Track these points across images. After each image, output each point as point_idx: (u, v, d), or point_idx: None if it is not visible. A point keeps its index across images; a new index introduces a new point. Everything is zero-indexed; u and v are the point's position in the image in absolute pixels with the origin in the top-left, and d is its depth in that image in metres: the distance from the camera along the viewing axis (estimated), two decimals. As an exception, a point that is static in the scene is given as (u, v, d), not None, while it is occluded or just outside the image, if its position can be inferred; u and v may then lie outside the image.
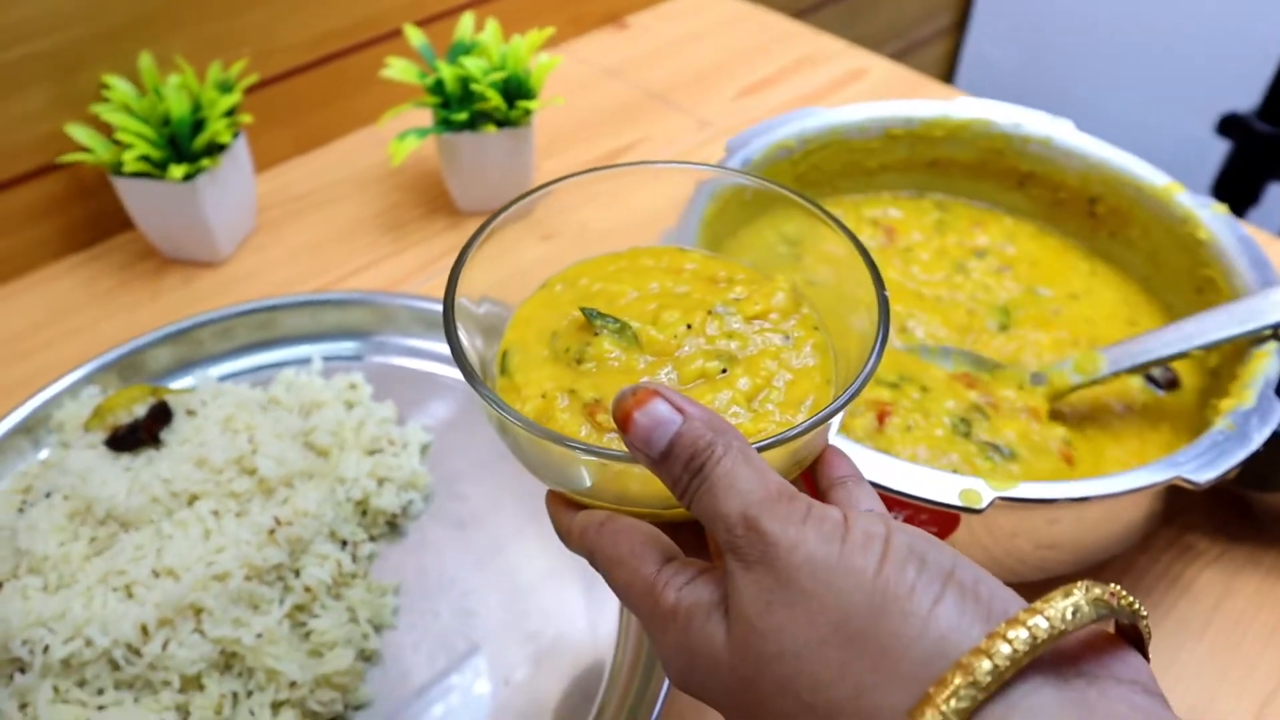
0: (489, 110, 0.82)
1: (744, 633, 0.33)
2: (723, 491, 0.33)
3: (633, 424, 0.35)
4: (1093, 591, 0.30)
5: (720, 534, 0.34)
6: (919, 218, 0.82)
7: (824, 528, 0.33)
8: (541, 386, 0.41)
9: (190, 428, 0.65)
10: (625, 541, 0.37)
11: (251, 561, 0.58)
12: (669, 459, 0.34)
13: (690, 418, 0.34)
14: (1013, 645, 0.29)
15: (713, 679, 0.34)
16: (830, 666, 0.31)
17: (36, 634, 0.55)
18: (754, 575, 0.33)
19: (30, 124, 0.81)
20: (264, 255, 0.88)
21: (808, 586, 0.32)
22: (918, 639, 0.30)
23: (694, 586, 0.35)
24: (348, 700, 0.57)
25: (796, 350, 0.43)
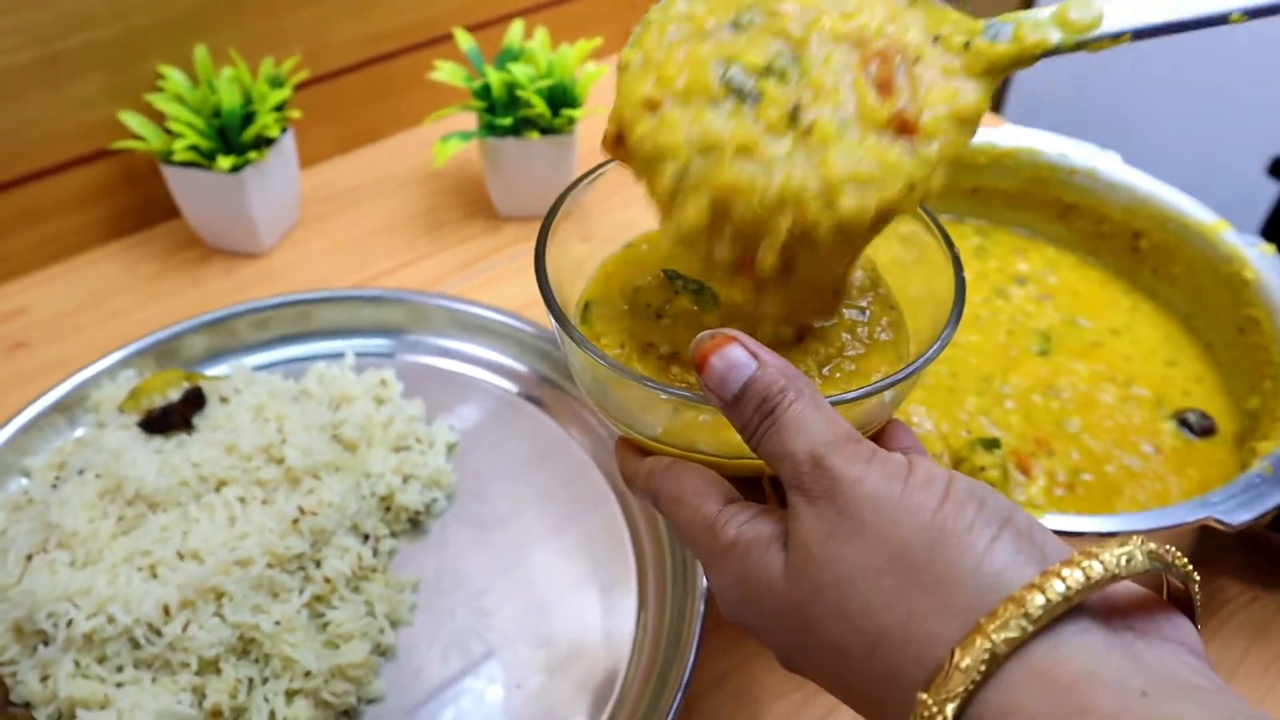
0: (533, 117, 0.83)
1: (802, 560, 0.34)
2: (791, 432, 0.34)
3: (709, 366, 0.36)
4: (1148, 545, 0.31)
5: (786, 472, 0.35)
6: (959, 242, 0.82)
7: (888, 467, 0.33)
8: (619, 338, 0.42)
9: (222, 414, 0.65)
10: (689, 482, 0.39)
11: (274, 549, 0.58)
12: (741, 401, 0.35)
13: (765, 364, 0.35)
14: (1066, 583, 0.29)
15: (766, 606, 0.35)
16: (884, 593, 0.32)
17: (61, 608, 0.55)
18: (817, 509, 0.33)
19: (86, 110, 0.83)
20: (304, 249, 0.89)
21: (869, 519, 0.32)
22: (972, 573, 0.31)
23: (754, 523, 0.36)
24: (361, 693, 0.58)
25: (871, 325, 0.44)
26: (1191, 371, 0.74)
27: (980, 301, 0.76)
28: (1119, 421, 0.69)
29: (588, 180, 0.46)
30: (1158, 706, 0.28)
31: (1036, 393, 0.70)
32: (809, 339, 0.42)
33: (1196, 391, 0.72)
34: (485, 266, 0.86)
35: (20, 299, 0.84)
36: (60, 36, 0.79)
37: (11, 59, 0.78)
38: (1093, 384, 0.71)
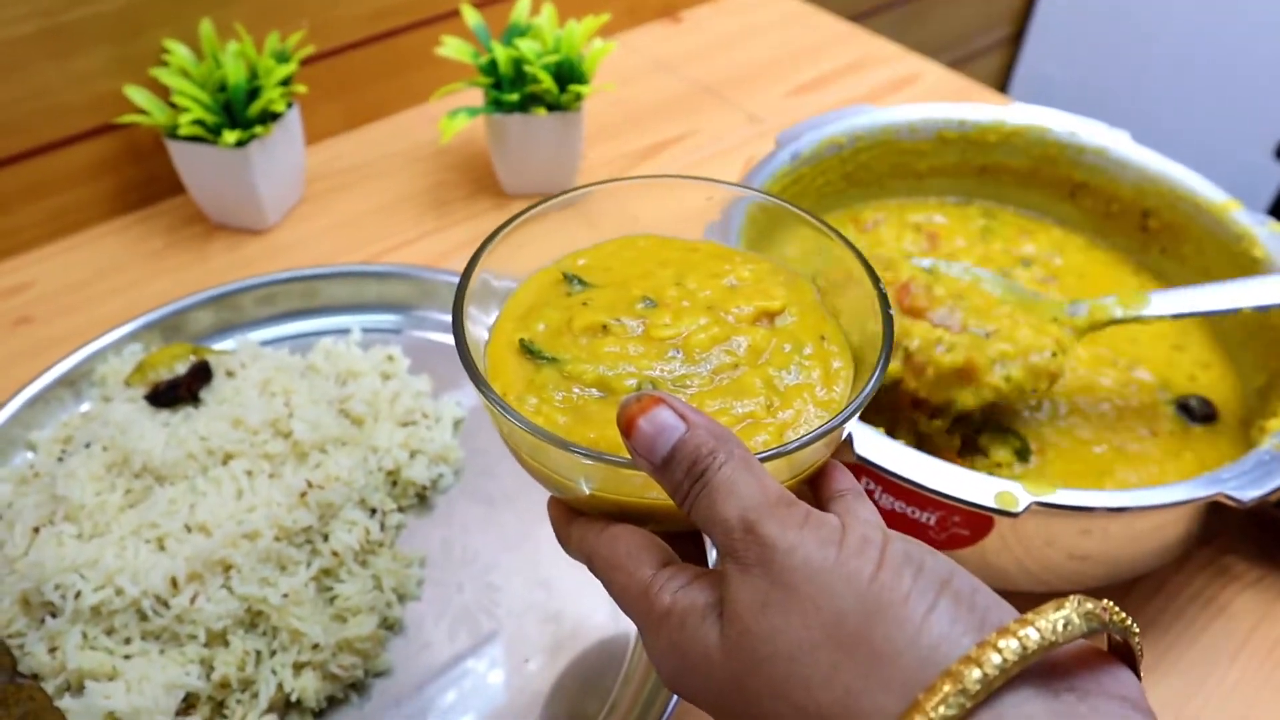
0: (540, 93, 0.83)
1: (738, 634, 0.33)
2: (723, 497, 0.34)
3: (637, 430, 0.35)
4: (1085, 605, 0.30)
5: (718, 538, 0.34)
6: (964, 224, 0.82)
7: (821, 532, 0.33)
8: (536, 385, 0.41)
9: (229, 388, 0.65)
10: (623, 545, 0.38)
11: (281, 522, 0.58)
12: (671, 465, 0.35)
13: (694, 425, 0.35)
14: (1003, 655, 0.29)
15: (705, 680, 0.35)
16: (821, 669, 0.31)
17: (69, 580, 0.55)
18: (750, 578, 0.33)
19: (90, 83, 0.82)
20: (309, 225, 0.89)
21: (803, 590, 0.32)
22: (910, 645, 0.30)
23: (689, 590, 0.35)
24: (369, 666, 0.58)
25: (816, 358, 0.43)
26: (1199, 356, 0.73)
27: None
28: (1115, 405, 0.68)
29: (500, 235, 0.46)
30: None
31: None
32: (748, 374, 0.42)
33: (1204, 376, 0.72)
34: (491, 243, 0.86)
35: (25, 274, 0.84)
36: (64, 9, 0.78)
37: (15, 30, 0.77)
38: (1093, 367, 0.71)
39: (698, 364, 0.42)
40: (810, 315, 0.45)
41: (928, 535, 0.58)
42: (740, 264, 0.47)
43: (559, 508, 0.42)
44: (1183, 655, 0.61)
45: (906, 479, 0.54)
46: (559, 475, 0.39)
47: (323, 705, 0.56)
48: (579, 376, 0.41)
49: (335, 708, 0.57)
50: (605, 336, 0.43)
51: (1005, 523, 0.56)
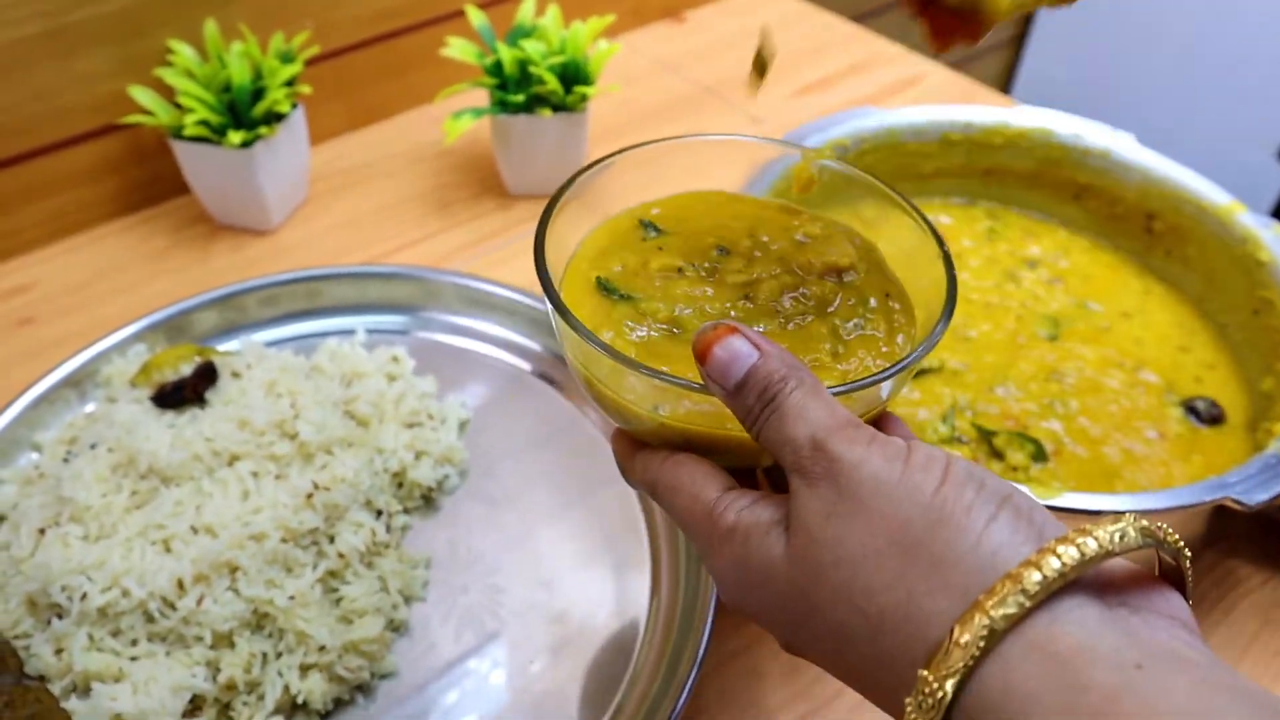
0: (546, 94, 0.83)
1: (803, 543, 0.34)
2: (793, 419, 0.35)
3: (712, 356, 0.36)
4: (1141, 522, 0.31)
5: (787, 457, 0.35)
6: (970, 225, 0.82)
7: (888, 450, 0.34)
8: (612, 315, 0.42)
9: (235, 389, 0.65)
10: (687, 471, 0.39)
11: (288, 524, 0.58)
12: (744, 390, 0.36)
13: (766, 353, 0.36)
14: (1061, 560, 0.30)
15: (766, 590, 0.36)
16: (885, 573, 0.32)
17: (75, 581, 0.55)
18: (818, 490, 0.34)
19: (94, 84, 0.82)
20: (313, 226, 0.88)
21: (869, 501, 0.33)
22: (971, 551, 0.31)
23: (754, 508, 0.37)
24: (374, 669, 0.58)
25: (879, 312, 0.44)
26: (1204, 358, 0.73)
27: (991, 286, 0.76)
28: (1123, 406, 0.68)
29: (597, 168, 0.48)
30: (1152, 679, 0.28)
31: (1037, 380, 0.69)
32: (815, 323, 0.43)
33: (1209, 378, 0.72)
34: (496, 244, 0.86)
35: (27, 274, 0.84)
36: (68, 9, 0.78)
37: (19, 31, 0.77)
38: (1100, 369, 0.71)
39: (768, 310, 0.43)
40: (875, 274, 0.46)
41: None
42: (809, 222, 0.49)
43: (623, 440, 0.43)
44: (1188, 658, 0.61)
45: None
46: (630, 401, 0.40)
47: (329, 707, 0.56)
48: (653, 314, 0.42)
49: (341, 709, 0.57)
50: (679, 279, 0.44)
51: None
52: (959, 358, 0.70)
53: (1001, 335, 0.72)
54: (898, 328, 0.44)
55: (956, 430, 0.65)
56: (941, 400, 0.66)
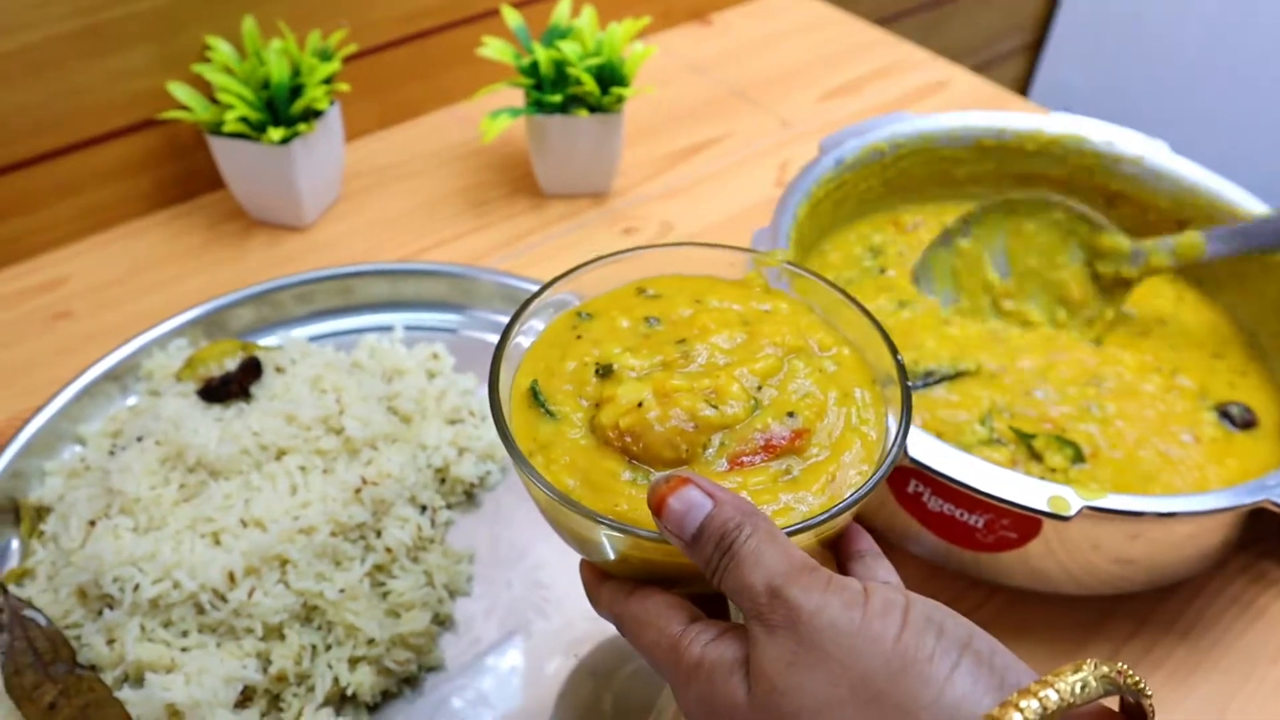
0: (582, 95, 0.83)
1: (765, 691, 0.34)
2: (749, 567, 0.35)
3: (667, 509, 0.37)
4: (1101, 669, 0.32)
5: (745, 605, 0.36)
6: (1001, 232, 0.82)
7: (845, 595, 0.34)
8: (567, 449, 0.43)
9: (279, 384, 0.66)
10: (652, 605, 0.39)
11: (337, 518, 0.59)
12: (700, 540, 0.36)
13: (721, 502, 0.37)
14: (1024, 714, 0.30)
15: None
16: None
17: (127, 572, 0.56)
18: (777, 638, 0.34)
19: (130, 80, 0.83)
20: (347, 223, 0.89)
21: (829, 649, 0.33)
22: (934, 703, 0.32)
23: (717, 644, 0.37)
24: (422, 662, 0.58)
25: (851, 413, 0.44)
26: (1236, 364, 0.74)
27: None
28: (1159, 410, 0.69)
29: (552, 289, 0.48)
30: None
31: (1075, 384, 0.70)
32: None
33: (1241, 384, 0.72)
34: (530, 244, 0.86)
35: (62, 268, 0.84)
36: (106, 6, 0.79)
37: (58, 28, 0.78)
38: (1139, 373, 0.71)
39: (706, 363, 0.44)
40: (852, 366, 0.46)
41: (975, 538, 0.59)
42: (760, 296, 0.49)
43: (590, 570, 0.44)
44: (1222, 658, 0.62)
45: (959, 482, 0.54)
46: (591, 540, 0.41)
47: (377, 699, 0.57)
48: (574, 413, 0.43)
49: (389, 702, 0.58)
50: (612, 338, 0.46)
51: (1053, 526, 0.56)
52: (996, 360, 0.70)
53: (1038, 339, 0.72)
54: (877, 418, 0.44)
55: (995, 432, 0.65)
56: (980, 403, 0.67)
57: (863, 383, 0.45)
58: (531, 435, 0.43)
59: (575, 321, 0.48)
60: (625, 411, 0.41)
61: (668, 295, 0.49)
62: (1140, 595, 0.64)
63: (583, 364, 0.45)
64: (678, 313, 0.48)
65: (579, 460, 0.42)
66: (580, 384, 0.44)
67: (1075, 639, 0.62)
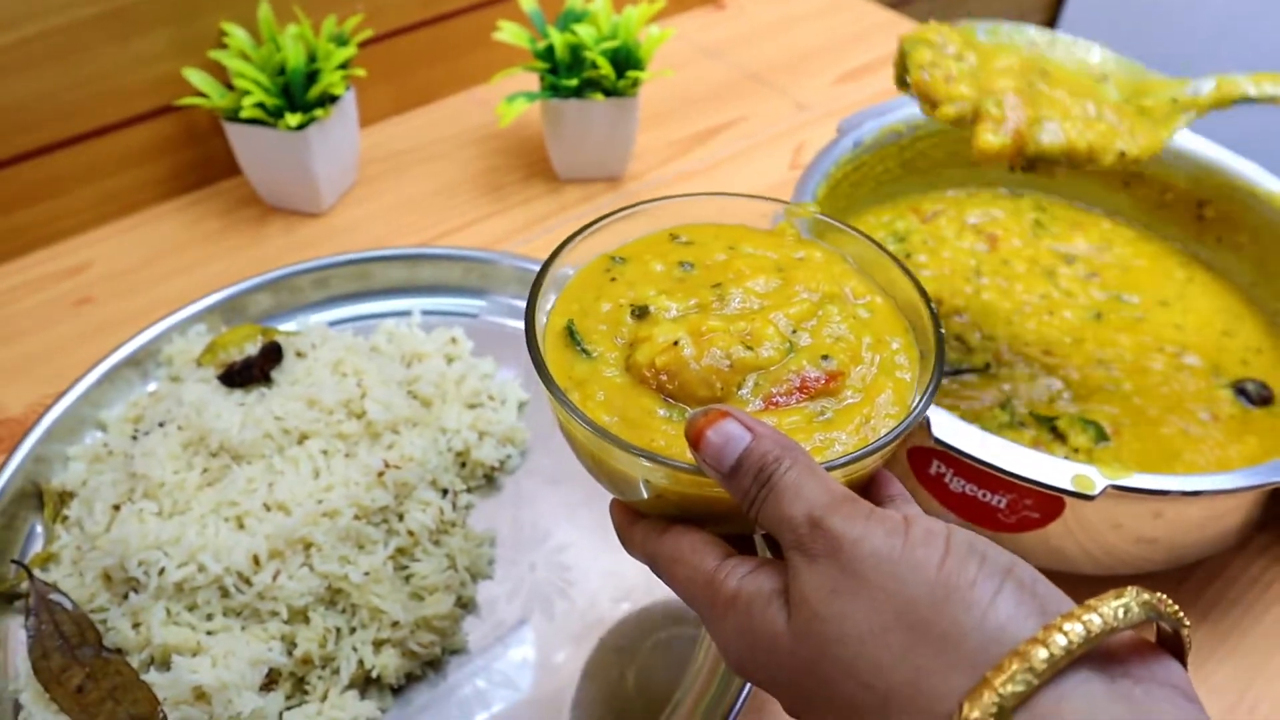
0: (598, 78, 0.83)
1: (807, 618, 0.34)
2: (789, 498, 0.35)
3: (705, 441, 0.37)
4: (1142, 595, 0.32)
5: (786, 536, 0.36)
6: (1018, 219, 0.82)
7: (887, 524, 0.34)
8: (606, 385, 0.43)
9: (301, 369, 0.66)
10: (686, 541, 0.39)
11: (360, 501, 0.59)
12: (739, 472, 0.36)
13: (759, 435, 0.37)
14: (1068, 637, 0.30)
15: (773, 663, 0.36)
16: (892, 650, 0.33)
17: (152, 556, 0.56)
18: (819, 567, 0.34)
19: (149, 66, 0.83)
20: (363, 209, 0.89)
21: (872, 577, 0.33)
22: (977, 628, 0.32)
23: (755, 576, 0.37)
24: (445, 644, 0.59)
25: (883, 364, 0.44)
26: (1250, 342, 0.74)
27: (1034, 284, 0.76)
28: (1173, 388, 0.69)
29: (585, 233, 0.48)
30: None
31: (1082, 370, 0.69)
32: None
33: (1256, 362, 0.72)
34: (547, 228, 0.86)
35: (84, 254, 0.85)
36: (125, -11, 0.79)
37: (78, 13, 0.78)
38: (1139, 354, 0.71)
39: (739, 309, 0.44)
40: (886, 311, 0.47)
41: (998, 518, 0.59)
42: (794, 245, 0.49)
43: (622, 511, 0.44)
44: (1244, 638, 0.62)
45: (983, 461, 0.54)
46: (626, 473, 0.41)
47: (401, 681, 0.57)
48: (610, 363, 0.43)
49: (413, 684, 0.58)
50: (647, 281, 0.46)
51: (1076, 506, 0.56)
52: (1004, 355, 0.70)
53: (1046, 330, 0.72)
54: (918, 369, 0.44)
55: (1016, 416, 0.65)
56: (1000, 388, 0.67)
57: (896, 330, 0.45)
58: (567, 374, 0.43)
59: (609, 265, 0.48)
60: (661, 350, 0.41)
61: (701, 242, 0.49)
62: (1161, 575, 0.64)
63: (618, 305, 0.45)
64: (712, 258, 0.48)
65: (615, 398, 0.42)
66: (615, 324, 0.44)
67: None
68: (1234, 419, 0.68)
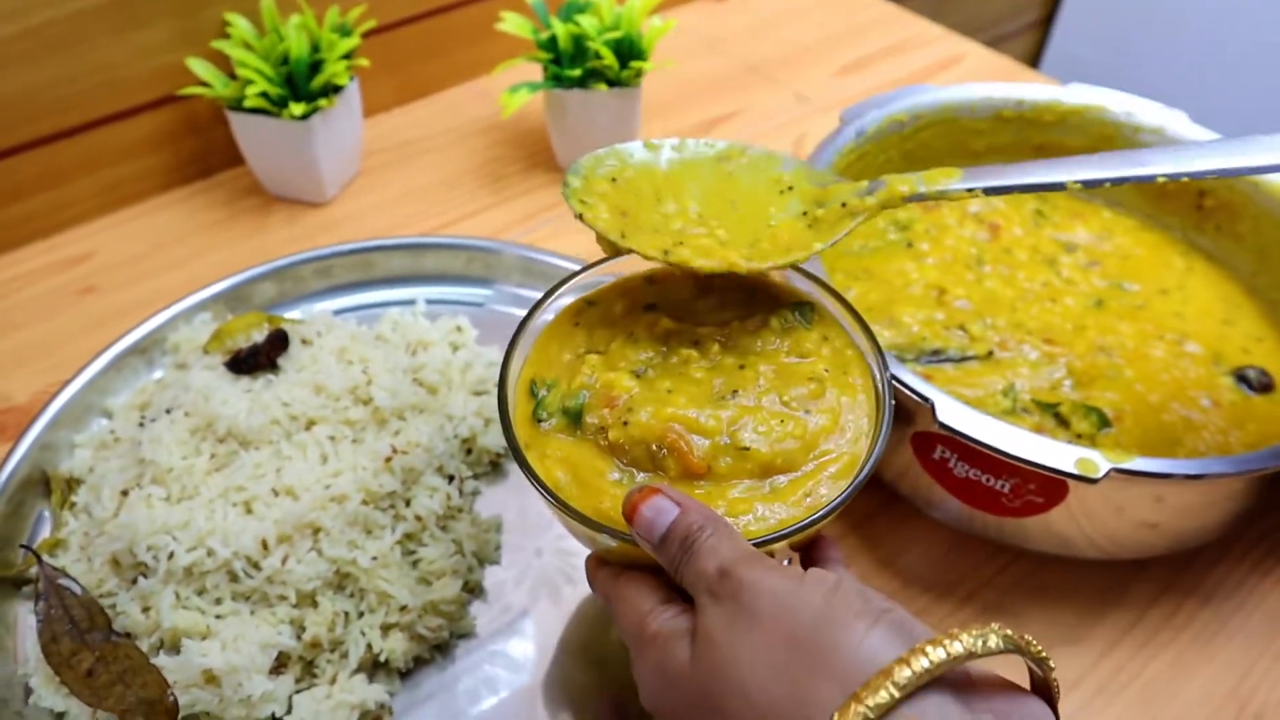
0: (601, 69, 0.83)
1: (705, 649, 0.38)
2: (705, 556, 0.40)
3: (638, 515, 0.41)
4: (1005, 631, 0.35)
5: (700, 586, 0.40)
6: (1019, 209, 0.82)
7: (788, 571, 0.39)
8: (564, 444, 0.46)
9: (306, 356, 0.66)
10: (633, 586, 0.44)
11: (368, 486, 0.59)
12: (666, 542, 0.41)
13: (687, 509, 0.41)
14: (929, 658, 0.34)
15: (675, 694, 0.40)
16: (776, 667, 0.36)
17: (161, 541, 0.56)
18: (722, 606, 0.39)
19: (151, 56, 0.83)
20: (366, 199, 0.89)
21: (766, 610, 0.38)
22: (854, 651, 0.36)
23: (675, 619, 0.41)
24: (453, 629, 0.59)
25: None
26: (1251, 330, 0.74)
27: (1034, 272, 0.76)
28: (1174, 375, 0.69)
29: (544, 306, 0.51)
30: None
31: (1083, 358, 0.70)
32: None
33: (1257, 350, 0.73)
34: (548, 218, 0.87)
35: (87, 244, 0.85)
36: (129, -20, 0.79)
37: (81, 4, 0.78)
38: (1140, 341, 0.72)
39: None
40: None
41: (1001, 503, 0.59)
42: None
43: (592, 559, 0.48)
44: (1244, 624, 0.62)
45: (988, 445, 0.55)
46: (587, 534, 0.45)
47: (409, 665, 0.58)
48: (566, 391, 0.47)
49: (421, 668, 0.58)
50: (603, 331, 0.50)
51: (1079, 490, 0.57)
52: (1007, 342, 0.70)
53: (1048, 318, 0.73)
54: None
55: (1019, 402, 0.66)
56: (1003, 375, 0.67)
57: (851, 391, 0.48)
58: (529, 429, 0.46)
59: (581, 308, 0.51)
60: (615, 424, 0.45)
61: (669, 279, 0.52)
62: (1163, 560, 0.64)
63: (577, 356, 0.48)
64: (679, 295, 0.51)
65: (570, 455, 0.45)
66: (571, 377, 0.47)
67: (1098, 604, 0.63)
68: (1235, 406, 0.68)
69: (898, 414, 0.59)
